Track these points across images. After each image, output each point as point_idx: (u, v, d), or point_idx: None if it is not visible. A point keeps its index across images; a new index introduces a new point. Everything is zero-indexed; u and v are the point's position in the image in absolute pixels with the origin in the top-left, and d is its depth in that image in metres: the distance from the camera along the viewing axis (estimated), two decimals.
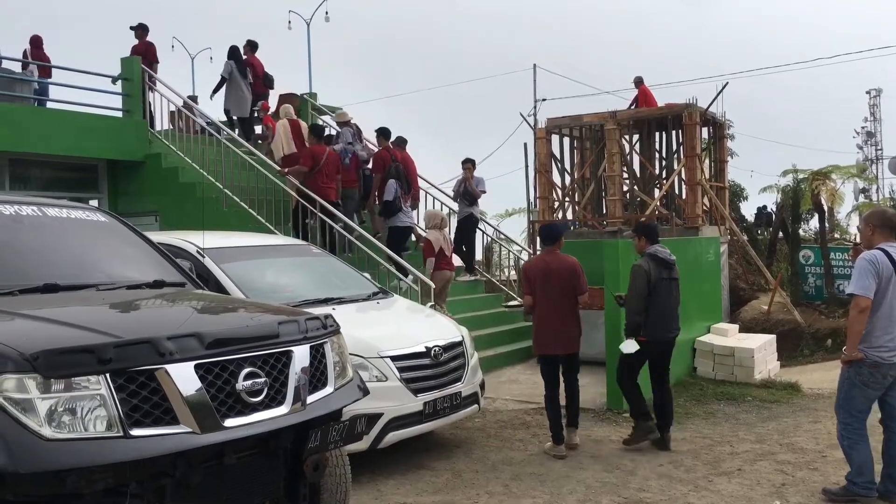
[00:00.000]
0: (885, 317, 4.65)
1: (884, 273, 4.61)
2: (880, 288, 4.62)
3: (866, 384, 4.73)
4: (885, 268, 4.62)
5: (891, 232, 4.77)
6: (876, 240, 4.77)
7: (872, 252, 4.70)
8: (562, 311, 6.15)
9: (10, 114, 10.17)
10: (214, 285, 5.68)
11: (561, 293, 6.16)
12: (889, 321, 4.66)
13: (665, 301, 6.17)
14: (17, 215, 4.04)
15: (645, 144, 15.11)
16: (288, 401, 3.33)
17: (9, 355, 2.71)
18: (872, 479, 4.82)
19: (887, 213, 4.98)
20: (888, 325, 4.65)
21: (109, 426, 2.77)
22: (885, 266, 4.62)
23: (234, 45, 12.57)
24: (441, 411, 5.75)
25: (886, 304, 4.65)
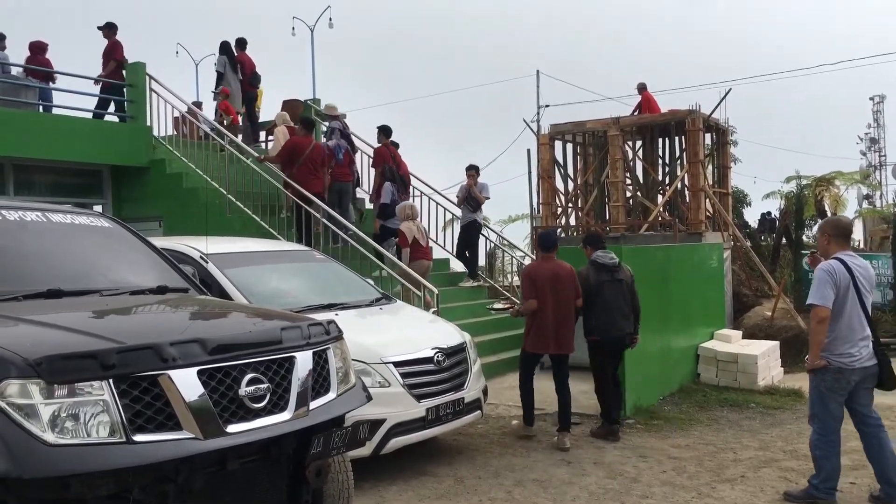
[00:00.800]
0: (846, 324, 4.78)
1: (841, 282, 4.75)
2: (839, 297, 4.75)
3: (832, 390, 4.84)
4: (842, 277, 4.76)
5: (846, 240, 4.96)
6: (832, 249, 4.90)
7: (830, 262, 4.83)
8: (562, 314, 6.58)
9: (15, 119, 10.20)
10: (218, 291, 5.69)
11: (564, 298, 6.58)
12: (849, 328, 4.78)
13: (611, 302, 6.66)
14: (21, 221, 4.06)
15: (648, 150, 15.12)
16: (290, 407, 3.33)
17: (12, 360, 2.71)
18: (836, 486, 4.94)
19: (842, 222, 5.16)
20: (849, 333, 4.78)
21: (112, 432, 2.78)
22: (843, 275, 4.76)
23: (226, 40, 12.57)
24: (444, 417, 5.74)
25: (846, 312, 4.78)
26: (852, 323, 4.79)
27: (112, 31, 11.67)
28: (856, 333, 4.80)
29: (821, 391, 4.89)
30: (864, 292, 4.82)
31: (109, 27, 11.68)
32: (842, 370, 4.78)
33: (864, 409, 4.91)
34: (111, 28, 11.69)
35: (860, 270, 4.84)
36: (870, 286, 4.90)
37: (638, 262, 7.80)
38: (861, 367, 4.80)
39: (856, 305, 4.79)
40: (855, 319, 4.80)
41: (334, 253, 8.89)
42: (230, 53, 12.49)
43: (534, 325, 6.62)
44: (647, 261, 8.20)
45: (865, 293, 4.83)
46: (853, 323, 4.79)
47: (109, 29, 11.68)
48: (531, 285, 6.61)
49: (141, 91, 11.44)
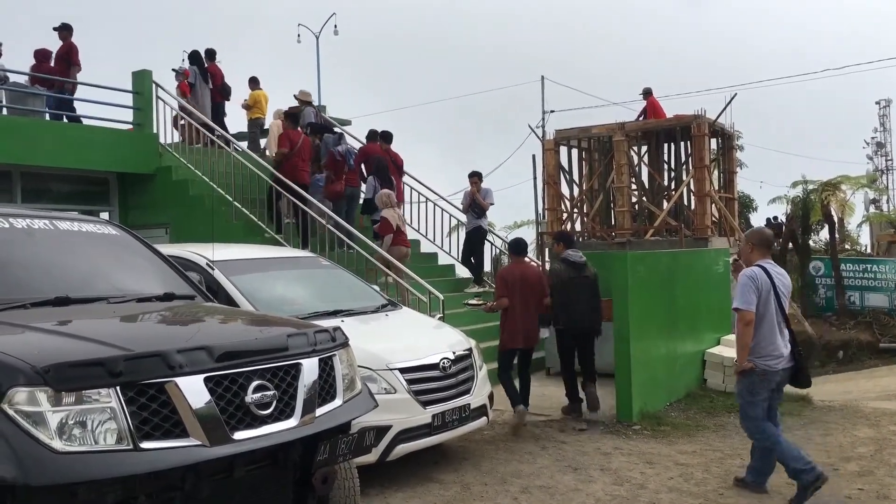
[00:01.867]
0: (769, 328, 5.05)
1: (763, 288, 5.03)
2: (761, 302, 5.02)
3: (756, 392, 5.11)
4: (763, 283, 5.04)
5: (767, 249, 5.32)
6: (755, 257, 5.21)
7: (753, 269, 5.12)
8: (530, 312, 7.34)
9: (22, 127, 10.26)
10: (224, 298, 5.71)
11: (531, 297, 7.34)
12: (772, 332, 5.06)
13: (578, 295, 7.33)
14: (28, 228, 4.08)
15: (654, 155, 15.10)
16: (297, 413, 3.34)
17: (20, 368, 2.73)
18: (809, 459, 5.09)
19: (764, 232, 5.47)
20: (772, 336, 5.06)
21: (120, 439, 2.79)
22: (764, 281, 5.05)
23: (196, 50, 12.45)
24: (450, 424, 5.73)
25: (768, 316, 5.05)
26: (774, 327, 5.06)
27: (69, 33, 11.36)
28: (777, 337, 5.08)
29: (749, 392, 5.15)
30: (783, 298, 5.12)
31: (66, 28, 11.36)
32: (766, 372, 5.06)
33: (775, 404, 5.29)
34: (67, 30, 11.37)
35: (780, 278, 5.15)
36: (787, 293, 5.21)
37: (644, 268, 7.80)
38: (783, 369, 5.13)
39: (777, 310, 5.07)
40: (776, 324, 5.07)
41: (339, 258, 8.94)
42: (201, 64, 12.33)
43: (505, 322, 7.34)
44: (653, 266, 8.19)
45: (784, 299, 5.13)
46: (774, 327, 5.06)
47: (66, 30, 11.36)
48: (503, 285, 7.37)
49: (147, 99, 11.49)
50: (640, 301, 7.52)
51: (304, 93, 12.32)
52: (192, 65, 12.31)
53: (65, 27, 11.36)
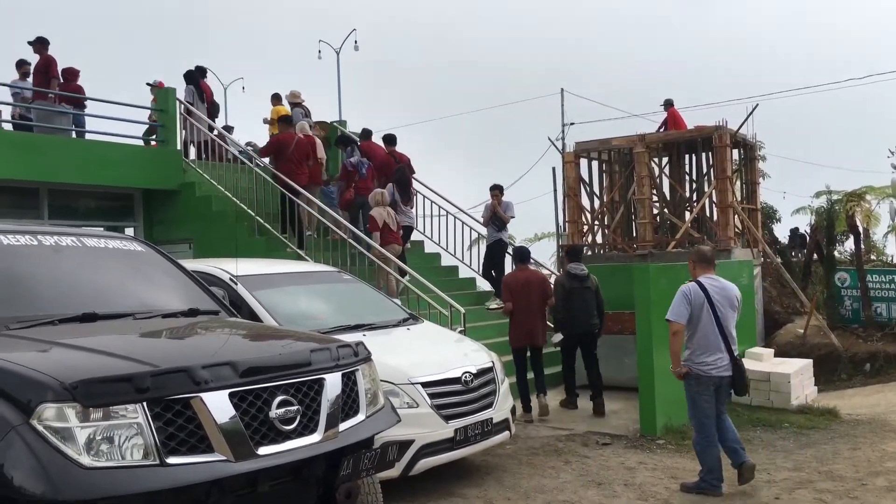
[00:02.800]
0: (703, 337, 5.52)
1: (695, 301, 5.50)
2: (694, 314, 5.49)
3: (698, 393, 5.59)
4: (696, 297, 5.51)
5: (708, 265, 5.73)
6: (697, 272, 5.70)
7: (688, 284, 5.61)
8: (534, 314, 8.04)
9: (49, 145, 10.44)
10: (247, 312, 5.75)
11: (535, 300, 8.03)
12: (706, 340, 5.51)
13: (578, 304, 8.11)
14: (57, 245, 4.14)
15: (675, 167, 15.04)
16: (320, 428, 3.35)
17: (49, 384, 2.77)
18: (720, 477, 5.60)
19: (702, 251, 5.94)
20: (706, 344, 5.52)
21: (146, 454, 2.81)
22: (697, 295, 5.52)
23: (191, 69, 12.28)
24: (472, 438, 5.72)
25: (702, 326, 5.51)
26: (707, 336, 5.50)
27: (44, 47, 11.09)
28: (711, 345, 5.50)
29: (691, 395, 5.63)
30: (720, 310, 5.51)
31: (41, 42, 11.10)
32: (700, 377, 5.53)
33: (719, 406, 5.66)
34: (42, 43, 11.10)
35: (716, 291, 5.55)
36: (728, 305, 5.57)
37: (667, 280, 7.74)
38: (718, 376, 5.52)
39: (711, 321, 5.49)
40: (710, 333, 5.49)
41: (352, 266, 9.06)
42: (196, 82, 12.23)
43: (512, 324, 8.07)
44: (675, 278, 8.09)
45: (721, 311, 5.51)
46: (709, 336, 5.50)
47: (41, 44, 11.09)
48: (508, 291, 8.11)
49: (172, 116, 11.64)
50: (664, 314, 7.45)
51: (294, 94, 12.46)
52: (188, 84, 12.11)
53: (40, 40, 11.12)
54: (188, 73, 12.21)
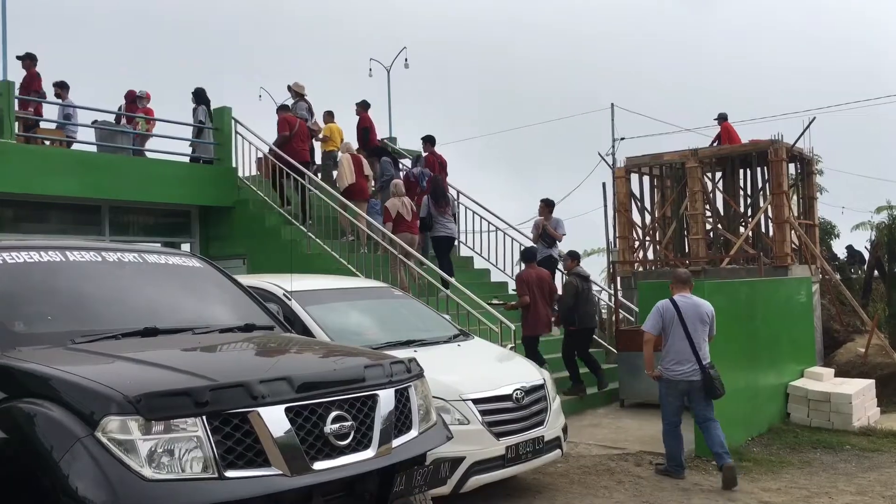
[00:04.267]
0: (673, 346, 6.39)
1: (666, 315, 6.43)
2: (665, 326, 6.43)
3: (669, 394, 6.47)
4: (667, 311, 6.45)
5: (683, 286, 6.61)
6: (675, 291, 6.61)
7: (663, 301, 6.56)
8: (547, 306, 9.26)
9: (111, 164, 10.78)
10: (300, 328, 5.81)
11: (545, 294, 9.25)
12: (675, 350, 6.39)
13: (586, 302, 9.38)
14: (119, 262, 4.27)
15: (729, 182, 14.77)
16: (374, 444, 3.37)
17: (113, 397, 2.84)
18: (681, 464, 6.53)
19: (680, 273, 6.82)
20: (675, 353, 6.39)
21: (205, 467, 2.86)
22: (668, 310, 6.44)
23: (201, 87, 12.26)
24: (523, 456, 5.67)
25: (672, 337, 6.40)
26: (676, 346, 6.37)
27: (32, 63, 11.14)
28: (680, 354, 6.36)
29: (662, 395, 6.56)
30: (690, 324, 6.35)
31: (29, 57, 11.14)
32: (670, 381, 6.42)
33: (701, 411, 6.47)
34: (31, 59, 11.14)
35: (687, 308, 6.43)
36: (698, 320, 6.40)
37: (722, 298, 7.60)
38: (686, 381, 6.36)
39: (680, 333, 6.35)
40: (679, 343, 6.36)
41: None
42: (208, 102, 12.30)
43: (528, 315, 9.07)
44: (731, 296, 7.97)
45: (691, 325, 6.35)
46: (678, 346, 6.37)
47: (29, 59, 11.13)
48: (523, 285, 9.12)
49: (227, 134, 11.92)
50: (719, 332, 7.32)
51: (298, 85, 12.67)
52: (199, 104, 12.19)
53: (28, 56, 11.15)
54: (199, 92, 12.19)
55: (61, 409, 2.90)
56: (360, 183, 11.45)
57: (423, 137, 12.71)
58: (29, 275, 3.87)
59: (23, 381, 3.15)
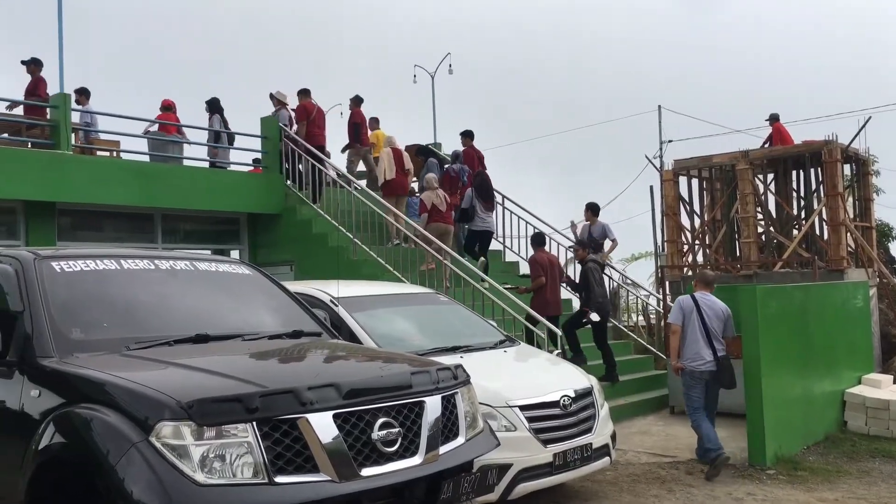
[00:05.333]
0: (692, 339, 6.93)
1: (686, 309, 7.03)
2: (685, 320, 6.99)
3: (689, 385, 6.95)
4: (686, 305, 7.05)
5: (706, 286, 7.24)
6: (697, 289, 7.24)
7: (684, 296, 7.26)
8: (558, 288, 9.69)
9: (163, 173, 11.02)
10: (347, 334, 5.85)
11: (557, 277, 9.64)
12: (694, 342, 6.91)
13: (602, 288, 9.74)
14: (172, 269, 4.37)
15: (781, 184, 14.45)
16: (421, 451, 3.37)
17: (166, 403, 2.90)
18: (717, 443, 6.79)
19: (706, 274, 7.51)
20: (693, 345, 6.91)
21: (256, 473, 2.90)
22: (688, 304, 7.05)
23: (215, 97, 12.39)
24: (571, 463, 5.61)
25: (690, 331, 6.95)
26: (695, 338, 6.90)
27: (38, 68, 11.02)
28: (698, 345, 6.88)
29: (685, 386, 7.03)
30: (707, 319, 6.90)
31: (35, 62, 11.02)
32: (691, 371, 6.90)
33: (710, 402, 7.01)
34: (36, 63, 11.03)
35: (706, 304, 6.99)
36: (715, 316, 6.94)
37: (775, 303, 7.44)
38: (705, 370, 6.84)
39: (699, 327, 6.89)
40: (697, 336, 6.89)
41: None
42: (221, 110, 12.41)
43: (540, 296, 9.32)
44: (785, 301, 7.78)
45: (708, 319, 6.90)
46: (696, 338, 6.90)
47: (35, 64, 11.02)
48: (537, 267, 9.45)
49: (274, 142, 12.09)
50: (772, 338, 7.17)
51: (280, 94, 12.69)
52: (213, 112, 12.32)
53: (34, 61, 11.04)
54: (214, 102, 12.37)
55: (117, 415, 2.97)
56: (400, 178, 11.67)
57: (462, 132, 12.94)
58: (85, 283, 3.98)
59: (80, 386, 3.23)
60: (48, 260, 3.97)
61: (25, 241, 9.87)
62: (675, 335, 7.08)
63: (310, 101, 12.12)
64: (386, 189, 11.60)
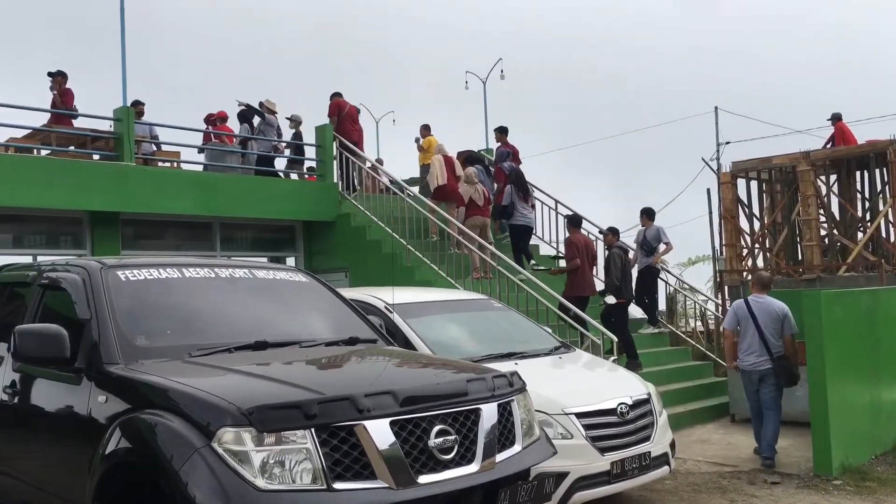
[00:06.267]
0: (746, 341, 7.17)
1: (739, 313, 7.26)
2: (741, 323, 7.24)
3: (745, 385, 7.31)
4: (740, 310, 7.28)
5: (761, 288, 7.37)
6: (752, 291, 7.42)
7: (738, 301, 7.51)
8: (590, 270, 10.02)
9: (222, 183, 11.27)
10: (402, 340, 5.87)
11: (589, 258, 9.98)
12: (749, 344, 7.14)
13: (628, 274, 9.90)
14: (231, 278, 4.46)
15: (844, 185, 14.00)
16: (478, 459, 3.36)
17: (228, 410, 2.95)
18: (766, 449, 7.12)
19: (762, 276, 7.63)
20: (748, 346, 7.15)
21: (314, 479, 2.93)
22: (741, 309, 7.27)
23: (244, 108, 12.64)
24: (629, 472, 5.52)
25: (745, 333, 7.18)
26: (750, 340, 7.12)
27: (64, 80, 11.01)
28: (752, 347, 7.09)
29: (743, 384, 7.37)
30: (761, 322, 7.06)
31: (60, 74, 11.02)
32: (745, 371, 7.18)
33: (767, 398, 7.11)
34: (63, 76, 11.03)
35: (759, 307, 7.14)
36: (769, 318, 7.07)
37: (841, 308, 7.21)
38: (758, 370, 7.04)
39: (752, 329, 7.08)
40: (752, 338, 7.10)
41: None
42: (251, 122, 12.62)
43: (575, 278, 9.65)
44: (850, 306, 7.54)
45: (762, 321, 7.06)
46: (751, 340, 7.11)
47: (61, 76, 11.02)
48: (573, 248, 9.76)
49: (329, 151, 12.26)
50: (837, 344, 6.95)
51: (269, 102, 12.75)
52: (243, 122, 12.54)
53: (59, 73, 11.04)
54: (242, 114, 12.67)
55: (180, 420, 3.04)
56: (452, 184, 11.74)
57: (497, 128, 13.26)
58: (149, 291, 4.09)
59: (145, 392, 3.32)
60: (114, 269, 4.09)
61: (91, 250, 10.20)
62: (729, 340, 7.53)
63: (342, 99, 12.61)
64: (438, 195, 11.66)
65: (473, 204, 11.16)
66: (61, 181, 9.59)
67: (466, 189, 11.19)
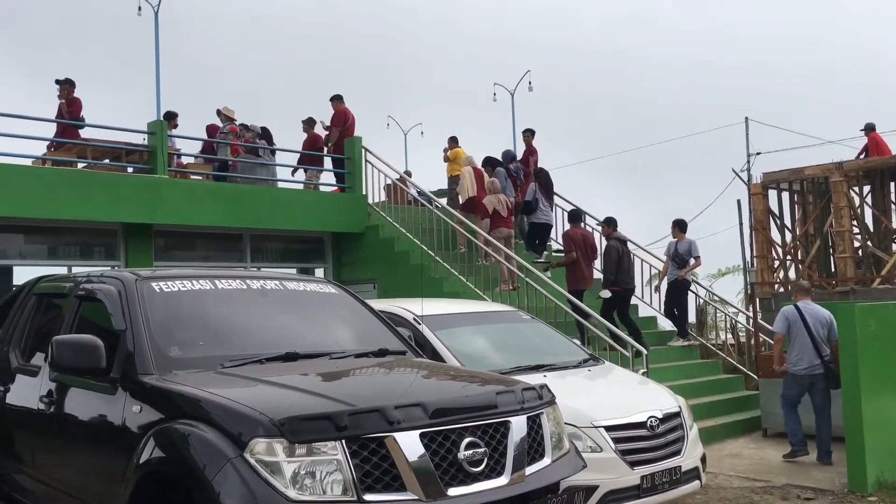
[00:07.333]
0: (799, 346, 7.41)
1: (790, 318, 7.50)
2: (791, 329, 7.46)
3: (790, 385, 7.56)
4: (791, 315, 7.51)
5: (805, 294, 7.77)
6: (798, 298, 7.76)
7: (788, 306, 7.68)
8: (590, 263, 10.29)
9: (251, 195, 11.40)
10: (430, 352, 5.88)
11: (588, 253, 10.21)
12: (799, 348, 7.41)
13: (626, 265, 10.03)
14: (262, 289, 4.51)
15: (878, 196, 13.81)
16: (507, 471, 3.35)
17: (260, 421, 2.98)
18: (803, 441, 7.53)
19: (802, 283, 8.06)
20: (800, 350, 7.40)
21: (345, 490, 2.94)
22: (792, 315, 7.50)
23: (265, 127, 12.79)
24: (659, 486, 5.45)
25: (796, 338, 7.43)
26: (803, 344, 7.38)
27: (72, 88, 10.87)
28: (803, 351, 7.38)
29: (786, 384, 7.59)
30: (811, 326, 7.35)
31: (69, 83, 10.87)
32: (794, 375, 7.47)
33: (820, 401, 7.42)
34: (70, 84, 10.87)
35: (809, 313, 7.45)
36: (819, 323, 7.39)
37: (876, 321, 7.08)
38: (810, 374, 7.37)
39: (804, 334, 7.35)
40: (802, 343, 7.37)
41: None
42: (270, 137, 12.78)
43: (572, 271, 9.91)
44: (886, 319, 7.38)
45: (812, 327, 7.35)
46: (802, 345, 7.39)
47: (69, 84, 10.86)
48: (570, 242, 10.01)
49: (357, 163, 12.35)
50: (872, 357, 6.82)
51: (227, 109, 12.82)
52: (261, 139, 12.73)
53: (67, 81, 10.89)
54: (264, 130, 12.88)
55: (213, 431, 3.07)
56: (482, 195, 11.74)
57: (525, 130, 14.12)
58: (183, 302, 4.15)
59: (178, 403, 3.37)
60: (148, 280, 4.16)
61: (125, 261, 10.38)
62: (779, 343, 7.70)
63: (345, 106, 12.62)
64: (468, 206, 11.72)
65: (498, 215, 11.26)
66: (96, 194, 9.78)
67: (490, 200, 11.27)
